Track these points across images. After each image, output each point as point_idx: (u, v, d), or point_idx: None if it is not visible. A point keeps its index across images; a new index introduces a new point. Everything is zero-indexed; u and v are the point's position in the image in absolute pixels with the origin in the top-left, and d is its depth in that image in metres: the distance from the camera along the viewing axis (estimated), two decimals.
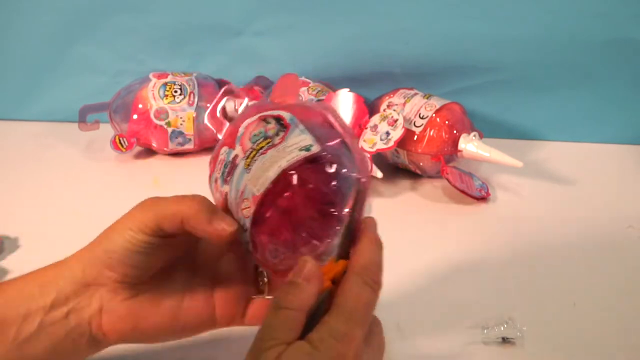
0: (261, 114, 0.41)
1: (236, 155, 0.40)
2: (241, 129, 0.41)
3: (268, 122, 0.40)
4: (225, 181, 0.40)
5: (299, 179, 0.37)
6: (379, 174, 0.71)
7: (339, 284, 0.36)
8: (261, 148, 0.39)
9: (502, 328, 0.51)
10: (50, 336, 0.40)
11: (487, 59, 0.82)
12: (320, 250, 0.37)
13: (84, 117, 0.82)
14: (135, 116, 0.80)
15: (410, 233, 0.66)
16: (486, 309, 0.53)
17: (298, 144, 0.38)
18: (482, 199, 0.71)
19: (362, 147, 0.73)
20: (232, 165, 0.40)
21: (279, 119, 0.40)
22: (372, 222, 0.39)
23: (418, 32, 0.81)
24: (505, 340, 0.50)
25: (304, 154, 0.37)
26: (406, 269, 0.59)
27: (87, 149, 0.85)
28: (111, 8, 0.86)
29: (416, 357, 0.50)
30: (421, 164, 0.74)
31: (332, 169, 0.38)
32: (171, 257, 0.43)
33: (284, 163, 0.37)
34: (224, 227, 0.39)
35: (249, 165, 0.38)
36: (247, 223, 0.39)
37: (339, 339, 0.33)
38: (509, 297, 0.56)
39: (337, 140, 0.39)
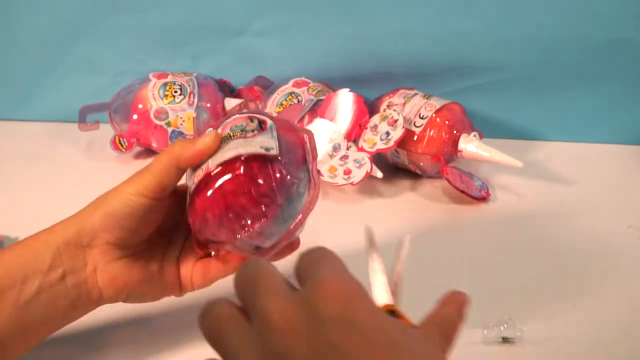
0: (251, 114, 0.45)
1: None
2: (229, 119, 0.46)
3: (251, 121, 0.45)
4: None
5: (245, 167, 0.43)
6: (379, 174, 0.71)
7: None
8: (234, 135, 0.44)
9: (502, 328, 0.51)
10: (50, 297, 0.43)
11: (487, 59, 0.82)
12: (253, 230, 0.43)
13: (84, 117, 0.82)
14: (135, 116, 0.80)
15: (410, 233, 0.66)
16: (486, 309, 0.53)
17: (263, 142, 0.43)
18: (482, 199, 0.71)
19: (362, 147, 0.73)
20: None
21: (261, 122, 0.45)
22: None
23: (418, 32, 0.81)
24: (505, 340, 0.50)
25: (262, 151, 0.43)
26: (406, 268, 0.59)
27: (87, 149, 0.85)
28: (111, 8, 0.86)
29: None
30: (421, 164, 0.74)
31: (278, 174, 0.43)
32: (158, 224, 0.47)
33: (242, 150, 0.43)
34: (207, 140, 0.44)
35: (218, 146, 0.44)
36: (192, 187, 0.44)
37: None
38: (509, 297, 0.56)
39: (300, 158, 0.45)
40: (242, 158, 0.43)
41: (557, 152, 0.83)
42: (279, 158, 0.43)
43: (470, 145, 0.72)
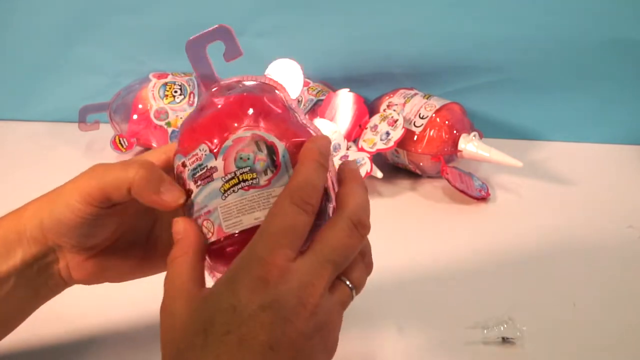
0: (255, 132, 0.37)
1: (215, 168, 0.37)
2: (229, 141, 0.37)
3: (259, 150, 0.37)
4: (194, 179, 0.38)
5: None
6: (379, 174, 0.71)
7: None
8: (244, 181, 0.37)
9: (502, 328, 0.51)
10: (27, 286, 0.41)
11: (487, 59, 0.82)
12: None
13: (84, 117, 0.82)
14: (135, 116, 0.80)
15: (410, 233, 0.66)
16: (486, 309, 0.53)
17: None
18: (482, 199, 0.71)
19: (362, 147, 0.73)
20: (207, 174, 0.38)
21: (271, 150, 0.37)
22: (310, 146, 0.37)
23: (418, 32, 0.81)
24: (505, 340, 0.50)
25: None
26: (406, 268, 0.59)
27: (87, 149, 0.85)
28: (111, 8, 0.86)
29: (416, 357, 0.50)
30: (421, 164, 0.74)
31: None
32: (127, 221, 0.42)
33: (261, 216, 0.36)
34: (172, 199, 0.38)
35: (225, 191, 0.37)
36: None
37: (256, 261, 0.33)
38: (509, 297, 0.56)
39: None
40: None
41: (557, 152, 0.83)
42: None
43: (470, 145, 0.72)
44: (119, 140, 0.81)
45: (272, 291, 0.32)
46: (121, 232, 0.43)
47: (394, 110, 0.74)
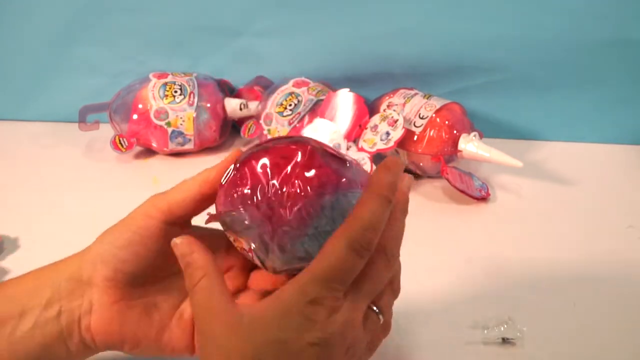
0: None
1: None
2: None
3: None
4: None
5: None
6: None
7: None
8: None
9: (502, 328, 0.51)
10: (43, 335, 0.41)
11: (487, 59, 0.82)
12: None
13: (84, 117, 0.82)
14: (135, 116, 0.80)
15: (410, 233, 0.66)
16: (486, 309, 0.53)
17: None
18: (482, 199, 0.71)
19: (362, 147, 0.73)
20: None
21: None
22: (377, 177, 0.37)
23: (418, 32, 0.81)
24: (505, 341, 0.50)
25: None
26: (406, 268, 0.59)
27: (87, 149, 0.85)
28: (111, 8, 0.86)
29: (417, 357, 0.50)
30: (421, 164, 0.74)
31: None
32: (162, 266, 0.42)
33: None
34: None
35: None
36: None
37: (308, 302, 0.34)
38: (509, 297, 0.56)
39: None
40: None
41: (557, 152, 0.83)
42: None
43: (470, 145, 0.72)
44: (119, 140, 0.81)
45: (320, 331, 0.34)
46: (152, 291, 0.43)
47: (394, 110, 0.74)
